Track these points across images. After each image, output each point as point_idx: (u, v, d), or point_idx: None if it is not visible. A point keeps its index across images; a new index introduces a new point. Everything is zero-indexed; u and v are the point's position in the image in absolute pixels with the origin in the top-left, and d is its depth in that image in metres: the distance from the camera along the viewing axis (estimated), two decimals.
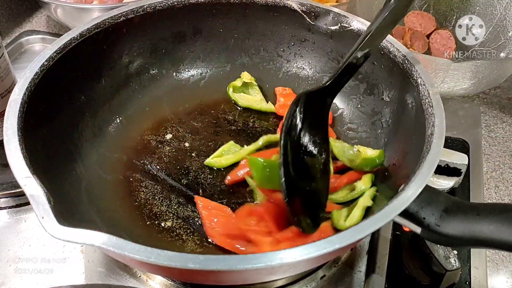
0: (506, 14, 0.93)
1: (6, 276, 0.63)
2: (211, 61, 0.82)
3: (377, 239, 0.65)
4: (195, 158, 0.70)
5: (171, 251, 0.41)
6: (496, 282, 0.66)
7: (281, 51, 0.81)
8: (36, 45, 1.05)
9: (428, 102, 0.57)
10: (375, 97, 0.71)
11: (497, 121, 0.90)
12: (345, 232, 0.43)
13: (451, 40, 0.95)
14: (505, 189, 0.78)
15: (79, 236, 0.42)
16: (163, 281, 0.61)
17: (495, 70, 0.82)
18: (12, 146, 0.50)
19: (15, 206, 0.71)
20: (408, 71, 0.62)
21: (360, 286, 0.62)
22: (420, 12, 0.99)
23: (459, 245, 0.60)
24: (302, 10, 0.74)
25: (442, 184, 0.69)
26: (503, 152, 0.84)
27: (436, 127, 0.53)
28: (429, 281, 0.60)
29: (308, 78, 0.80)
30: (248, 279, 0.50)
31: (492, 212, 0.46)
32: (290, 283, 0.61)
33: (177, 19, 0.76)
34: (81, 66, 0.66)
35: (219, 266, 0.40)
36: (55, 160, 0.58)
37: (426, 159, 0.50)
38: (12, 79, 0.74)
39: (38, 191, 0.45)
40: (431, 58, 0.82)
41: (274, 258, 0.40)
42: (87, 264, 0.64)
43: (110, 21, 0.68)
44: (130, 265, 0.61)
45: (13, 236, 0.67)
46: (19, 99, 0.54)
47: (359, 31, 0.70)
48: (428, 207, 0.48)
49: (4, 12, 1.12)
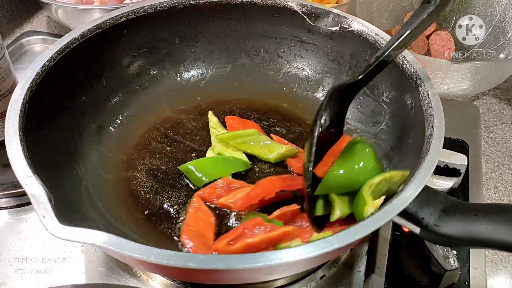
0: (505, 15, 0.93)
1: (6, 275, 0.63)
2: (212, 61, 0.82)
3: (377, 240, 0.65)
4: (195, 158, 0.70)
5: (171, 250, 0.41)
6: (495, 283, 0.66)
7: (281, 52, 0.81)
8: (37, 45, 1.05)
9: (427, 103, 0.57)
10: (375, 98, 0.71)
11: (497, 122, 0.90)
12: (344, 232, 0.43)
13: (451, 41, 0.95)
14: (504, 189, 0.78)
15: (80, 235, 0.42)
16: (163, 281, 0.62)
17: (494, 71, 0.82)
18: (13, 145, 0.50)
19: (16, 206, 0.71)
20: (407, 72, 0.63)
21: (359, 286, 0.62)
22: None
23: (458, 245, 0.60)
24: (303, 11, 0.75)
25: (441, 184, 0.69)
26: (502, 153, 0.84)
27: (435, 128, 0.54)
28: (428, 281, 0.60)
29: (308, 79, 0.81)
30: (247, 278, 0.51)
31: (491, 212, 0.46)
32: (290, 283, 0.62)
33: (178, 20, 0.76)
34: (82, 67, 0.67)
35: (218, 265, 0.40)
36: (56, 159, 0.59)
37: (425, 159, 0.50)
38: (13, 79, 0.74)
39: (39, 190, 0.45)
40: (431, 59, 0.83)
41: (273, 258, 0.41)
42: (87, 264, 0.64)
43: (111, 21, 0.69)
44: (131, 264, 0.61)
45: (14, 236, 0.67)
46: (20, 99, 0.55)
47: (359, 32, 0.71)
48: (427, 208, 0.48)
49: (5, 13, 1.13)
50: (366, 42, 0.70)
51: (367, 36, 0.69)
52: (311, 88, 0.80)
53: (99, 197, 0.62)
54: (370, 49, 0.70)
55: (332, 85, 0.77)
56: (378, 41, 0.68)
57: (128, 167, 0.68)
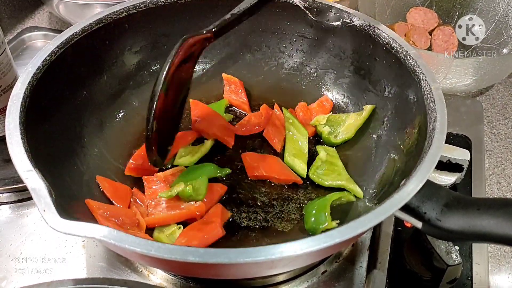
0: (508, 11, 0.92)
1: (8, 271, 0.63)
2: (213, 57, 0.82)
3: (379, 235, 0.65)
4: None
5: (171, 244, 0.41)
6: (498, 278, 0.66)
7: (283, 47, 0.81)
8: (38, 41, 1.05)
9: (430, 97, 0.57)
10: (377, 92, 0.71)
11: (499, 117, 0.90)
12: (346, 226, 0.43)
13: (453, 36, 0.94)
14: (507, 185, 0.77)
15: (80, 229, 0.42)
16: (164, 276, 0.62)
17: (497, 66, 0.82)
18: (14, 140, 0.50)
19: (17, 201, 0.71)
20: (410, 66, 0.62)
21: (361, 281, 0.62)
22: (422, 8, 0.99)
23: (460, 240, 0.60)
24: (304, 6, 0.74)
25: (444, 179, 0.69)
26: (505, 148, 0.84)
27: (437, 122, 0.53)
28: (431, 276, 0.60)
29: (310, 74, 0.80)
30: (248, 273, 0.51)
31: (493, 207, 0.45)
32: (292, 278, 0.62)
33: (179, 15, 0.76)
34: (83, 61, 0.67)
35: (219, 259, 0.40)
36: (57, 154, 0.59)
37: (428, 154, 0.50)
38: (14, 74, 0.74)
39: (40, 184, 0.45)
40: (433, 54, 0.82)
41: (274, 252, 0.41)
42: (88, 259, 0.64)
43: (112, 16, 0.68)
44: (131, 258, 0.61)
45: (15, 231, 0.67)
46: (21, 93, 0.54)
47: (361, 27, 0.70)
48: (429, 202, 0.48)
49: (7, 9, 1.13)
50: (368, 37, 0.69)
51: (369, 31, 0.69)
52: (313, 83, 0.80)
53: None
54: (372, 44, 0.69)
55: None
56: (381, 35, 0.67)
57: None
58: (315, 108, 0.77)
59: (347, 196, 0.63)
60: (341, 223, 0.59)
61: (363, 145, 0.71)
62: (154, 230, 0.60)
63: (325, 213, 0.59)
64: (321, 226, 0.59)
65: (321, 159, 0.67)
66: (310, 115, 0.75)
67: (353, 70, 0.75)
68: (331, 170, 0.67)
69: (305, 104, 0.77)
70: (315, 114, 0.75)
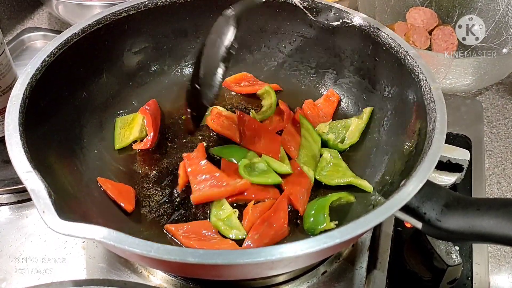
0: (508, 10, 0.92)
1: (8, 271, 0.63)
2: None
3: (379, 235, 0.65)
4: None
5: (171, 245, 0.41)
6: (498, 278, 0.65)
7: (283, 47, 0.81)
8: (38, 42, 1.05)
9: (429, 97, 0.57)
10: (377, 92, 0.71)
11: (499, 117, 0.90)
12: (346, 226, 0.43)
13: (453, 36, 0.94)
14: (507, 185, 0.77)
15: (80, 230, 0.42)
16: (164, 277, 0.61)
17: (497, 66, 0.81)
18: (13, 141, 0.50)
19: (17, 202, 0.71)
20: (410, 66, 0.62)
21: (361, 282, 0.62)
22: (422, 8, 0.99)
23: (460, 240, 0.60)
24: (304, 6, 0.74)
25: (444, 180, 0.69)
26: (505, 148, 0.84)
27: (437, 122, 0.53)
28: (431, 276, 0.60)
29: (310, 74, 0.80)
30: (248, 273, 0.50)
31: (493, 207, 0.45)
32: (292, 278, 0.61)
33: (179, 16, 0.76)
34: (82, 62, 0.67)
35: (218, 260, 0.40)
36: (56, 155, 0.58)
37: (427, 154, 0.50)
38: (14, 75, 0.74)
39: (39, 185, 0.45)
40: (433, 54, 0.82)
41: (274, 252, 0.40)
42: (88, 260, 0.64)
43: (111, 17, 0.68)
44: (131, 259, 0.61)
45: (15, 232, 0.67)
46: (20, 94, 0.54)
47: (360, 27, 0.70)
48: (429, 202, 0.48)
49: (6, 9, 1.13)
50: (368, 37, 0.69)
51: (369, 31, 0.69)
52: (313, 82, 0.80)
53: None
54: (372, 44, 0.69)
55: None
56: (380, 35, 0.67)
57: (129, 162, 0.68)
58: (322, 103, 0.77)
59: (346, 197, 0.63)
60: (339, 224, 0.59)
61: (363, 145, 0.71)
62: (210, 215, 0.61)
63: (324, 213, 0.59)
64: (320, 227, 0.59)
65: (326, 159, 0.68)
66: (318, 112, 0.76)
67: (352, 70, 0.75)
68: (336, 171, 0.67)
69: (311, 101, 0.77)
70: (322, 109, 0.76)
